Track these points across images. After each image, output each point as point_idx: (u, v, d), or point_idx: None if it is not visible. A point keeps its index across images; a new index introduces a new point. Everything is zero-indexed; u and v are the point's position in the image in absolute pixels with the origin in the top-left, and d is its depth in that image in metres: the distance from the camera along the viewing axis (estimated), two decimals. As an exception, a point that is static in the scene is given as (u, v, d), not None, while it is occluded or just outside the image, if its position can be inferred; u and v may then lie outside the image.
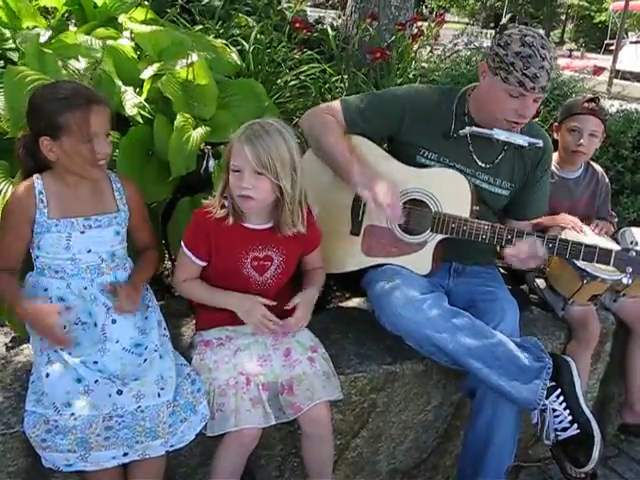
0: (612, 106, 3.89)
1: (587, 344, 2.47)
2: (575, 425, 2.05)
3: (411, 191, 2.21)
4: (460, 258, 2.32)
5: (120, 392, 1.69)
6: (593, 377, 2.70)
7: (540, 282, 2.59)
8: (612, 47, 19.60)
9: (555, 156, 2.75)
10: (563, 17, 43.47)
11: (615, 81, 15.36)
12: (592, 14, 37.21)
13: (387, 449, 2.28)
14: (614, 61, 16.45)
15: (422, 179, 2.21)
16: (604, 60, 21.61)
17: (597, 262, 2.07)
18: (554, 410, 2.04)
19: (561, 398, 2.05)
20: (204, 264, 1.99)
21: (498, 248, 2.26)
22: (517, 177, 2.32)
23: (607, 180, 2.86)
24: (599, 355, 2.66)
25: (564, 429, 2.05)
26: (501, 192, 2.31)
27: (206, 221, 1.93)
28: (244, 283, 1.98)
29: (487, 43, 3.99)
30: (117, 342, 1.81)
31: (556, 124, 2.76)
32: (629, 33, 27.83)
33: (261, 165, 1.82)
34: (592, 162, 2.85)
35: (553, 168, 2.70)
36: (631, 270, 2.01)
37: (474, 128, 2.20)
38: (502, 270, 2.73)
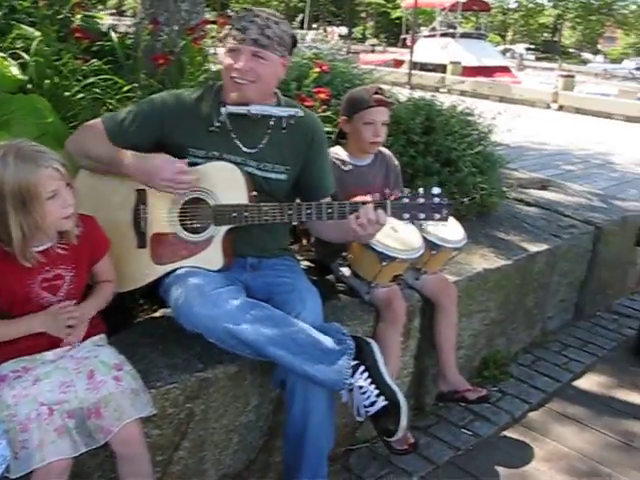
0: (411, 94, 4.12)
1: (394, 323, 2.57)
2: (382, 397, 2.12)
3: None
4: (255, 252, 2.34)
5: None
6: (406, 354, 2.83)
7: (345, 270, 2.67)
8: (408, 41, 20.84)
9: (339, 147, 2.85)
10: (364, 15, 45.40)
11: (414, 72, 16.40)
12: (389, 11, 39.21)
13: (213, 456, 2.25)
14: (411, 54, 17.48)
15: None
16: (403, 54, 22.96)
17: None
18: (361, 387, 2.10)
19: (366, 374, 2.11)
20: None
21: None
22: (291, 159, 2.34)
23: (396, 162, 2.99)
24: (409, 332, 2.78)
25: (372, 403, 2.12)
26: (276, 177, 2.33)
27: None
28: (39, 307, 1.88)
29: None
30: None
31: (344, 117, 2.82)
32: (422, 28, 29.75)
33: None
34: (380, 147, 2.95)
35: (346, 157, 2.80)
36: (408, 216, 2.10)
37: (229, 107, 2.23)
38: (308, 262, 2.81)
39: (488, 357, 3.42)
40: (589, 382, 3.49)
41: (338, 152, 2.79)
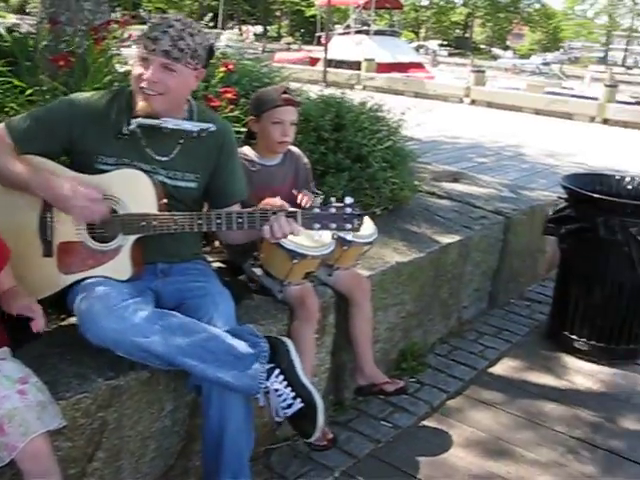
0: (321, 91, 4.14)
1: (308, 320, 2.58)
2: (299, 400, 2.13)
3: None
4: (165, 258, 2.31)
5: None
6: (322, 350, 2.83)
7: (257, 270, 2.66)
8: (323, 39, 20.95)
9: (247, 148, 2.83)
10: (278, 13, 45.38)
11: (329, 69, 16.53)
12: (303, 9, 39.36)
13: (130, 465, 2.20)
14: (325, 51, 17.59)
15: (103, 185, 2.16)
16: (318, 51, 23.07)
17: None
18: (276, 390, 2.11)
19: (281, 377, 2.11)
20: None
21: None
22: (201, 167, 2.32)
23: (306, 160, 2.99)
24: (324, 328, 2.79)
25: (289, 405, 2.13)
26: (186, 185, 2.30)
27: None
28: None
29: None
30: None
31: (253, 117, 2.80)
32: (336, 26, 30.04)
33: None
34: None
35: (254, 157, 2.79)
36: (318, 226, 2.10)
37: (141, 119, 2.17)
38: (220, 264, 2.79)
39: (405, 349, 3.47)
40: (504, 368, 3.60)
41: (246, 152, 2.77)
